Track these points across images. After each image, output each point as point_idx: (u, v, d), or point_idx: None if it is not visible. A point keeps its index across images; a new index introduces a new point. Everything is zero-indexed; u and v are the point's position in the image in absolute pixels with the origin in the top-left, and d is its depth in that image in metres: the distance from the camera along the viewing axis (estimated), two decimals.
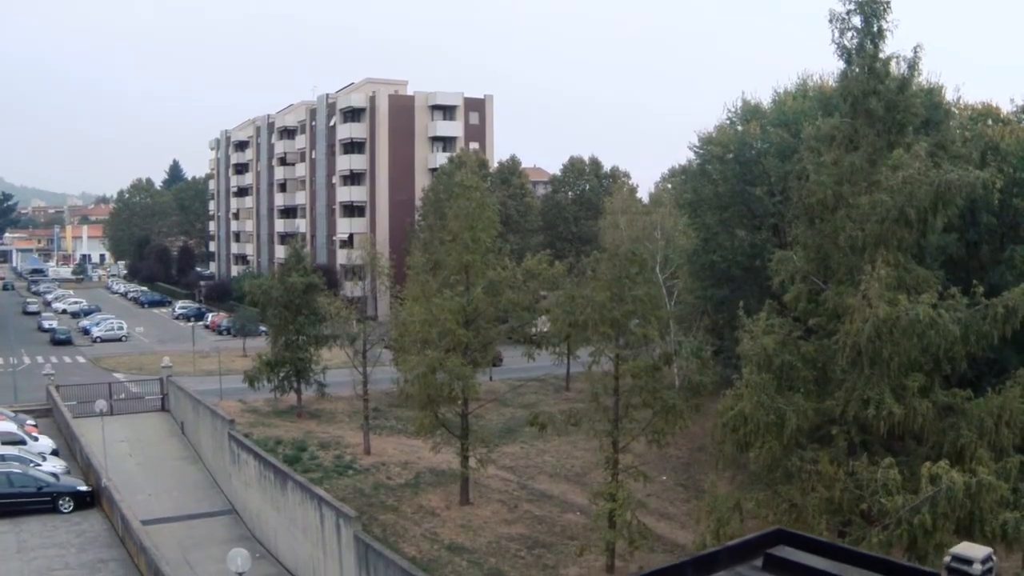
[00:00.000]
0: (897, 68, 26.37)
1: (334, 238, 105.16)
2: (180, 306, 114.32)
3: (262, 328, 72.55)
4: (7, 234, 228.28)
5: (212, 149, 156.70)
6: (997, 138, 36.13)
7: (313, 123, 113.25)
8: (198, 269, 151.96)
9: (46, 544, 31.61)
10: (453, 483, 42.10)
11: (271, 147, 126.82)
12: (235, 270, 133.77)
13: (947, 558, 10.78)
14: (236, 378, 60.89)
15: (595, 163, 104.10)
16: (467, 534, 37.36)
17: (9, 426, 42.16)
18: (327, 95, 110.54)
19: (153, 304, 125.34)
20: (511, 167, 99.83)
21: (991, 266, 35.12)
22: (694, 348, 33.41)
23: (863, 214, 23.82)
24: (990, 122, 38.65)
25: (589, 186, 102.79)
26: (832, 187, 24.39)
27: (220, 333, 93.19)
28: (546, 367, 61.08)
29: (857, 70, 25.82)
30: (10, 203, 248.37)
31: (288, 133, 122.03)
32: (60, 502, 34.94)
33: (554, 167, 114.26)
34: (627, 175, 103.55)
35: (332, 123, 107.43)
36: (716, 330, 44.30)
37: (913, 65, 26.32)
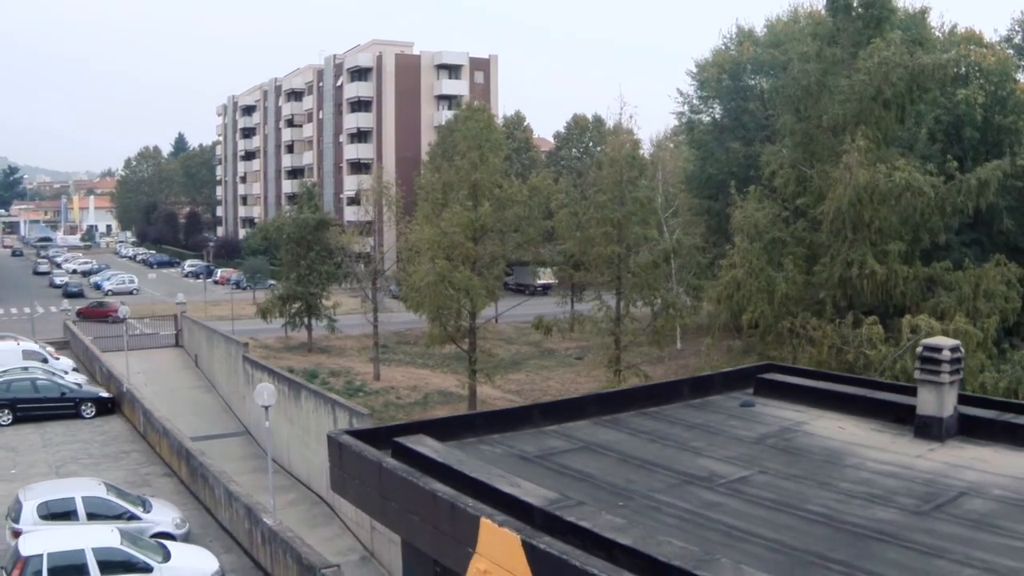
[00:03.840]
0: None
1: (341, 195, 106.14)
2: (189, 264, 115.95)
3: (271, 282, 73.67)
4: (14, 206, 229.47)
5: (219, 115, 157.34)
6: (980, 60, 37.18)
7: (320, 84, 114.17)
8: (206, 235, 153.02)
9: (70, 441, 33.07)
10: (461, 402, 43.53)
11: (278, 109, 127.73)
12: (242, 233, 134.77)
13: (919, 348, 11.18)
14: (247, 322, 62.28)
15: (598, 120, 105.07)
16: None
17: (32, 345, 43.58)
18: (334, 56, 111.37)
19: (162, 265, 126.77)
20: (516, 121, 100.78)
21: None
22: (693, 244, 34.47)
23: (844, 96, 25.15)
24: (973, 46, 39.59)
25: (593, 142, 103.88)
26: (816, 76, 25.67)
27: (229, 288, 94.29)
28: (551, 312, 62.21)
29: None
30: (16, 176, 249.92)
31: (295, 95, 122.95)
32: (83, 407, 36.35)
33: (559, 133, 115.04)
34: (629, 132, 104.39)
35: (339, 83, 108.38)
36: (714, 241, 45.32)
37: None
